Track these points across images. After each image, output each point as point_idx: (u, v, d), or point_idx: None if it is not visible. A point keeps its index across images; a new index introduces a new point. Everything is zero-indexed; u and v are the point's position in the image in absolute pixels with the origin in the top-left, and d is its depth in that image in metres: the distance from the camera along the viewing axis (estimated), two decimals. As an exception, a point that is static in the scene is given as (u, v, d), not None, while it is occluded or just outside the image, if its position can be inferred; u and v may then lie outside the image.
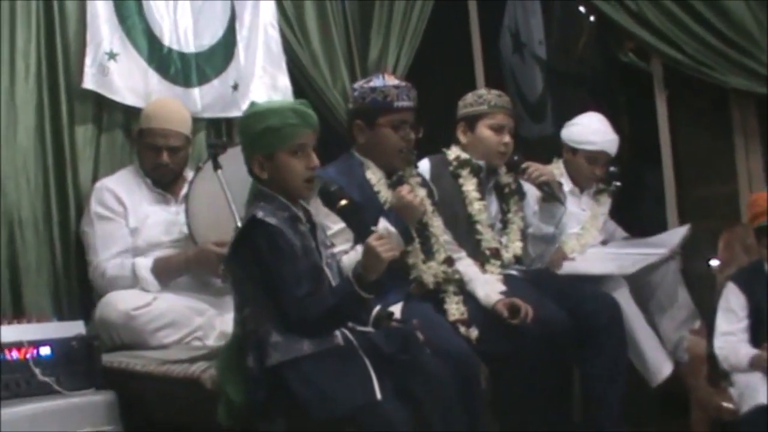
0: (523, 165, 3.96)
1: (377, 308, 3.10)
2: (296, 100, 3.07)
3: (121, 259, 3.87)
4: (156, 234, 3.97)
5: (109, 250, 3.89)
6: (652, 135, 4.87)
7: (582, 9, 5.95)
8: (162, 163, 3.99)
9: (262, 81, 4.71)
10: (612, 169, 4.34)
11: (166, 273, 3.87)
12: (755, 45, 4.19)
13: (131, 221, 3.95)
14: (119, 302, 3.76)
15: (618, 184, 4.37)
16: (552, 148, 4.50)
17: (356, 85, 3.69)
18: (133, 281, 3.83)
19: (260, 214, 2.89)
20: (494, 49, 6.11)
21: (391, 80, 3.62)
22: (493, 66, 5.74)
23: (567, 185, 4.27)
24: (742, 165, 4.52)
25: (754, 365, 3.44)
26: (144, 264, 3.86)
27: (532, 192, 4.04)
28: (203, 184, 3.88)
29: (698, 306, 4.23)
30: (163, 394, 3.47)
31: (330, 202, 3.03)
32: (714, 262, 4.18)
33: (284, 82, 4.77)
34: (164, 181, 4.04)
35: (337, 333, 2.94)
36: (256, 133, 2.96)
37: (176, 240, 3.98)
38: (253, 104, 3.11)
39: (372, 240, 2.88)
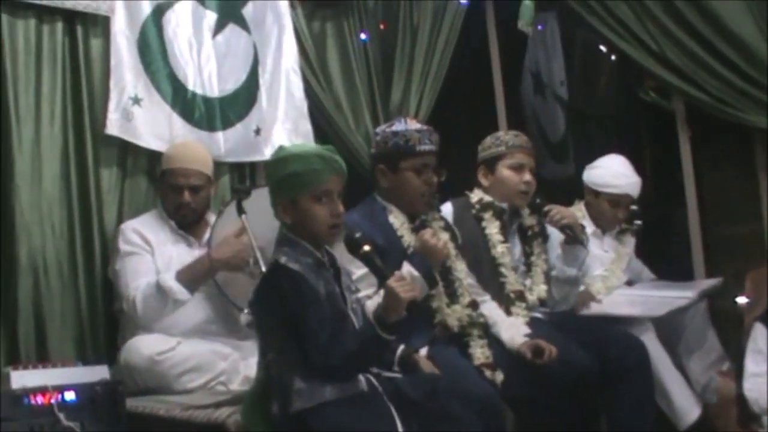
0: (545, 208, 3.96)
1: (402, 348, 3.08)
2: (323, 146, 3.06)
3: (146, 281, 3.87)
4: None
5: (138, 280, 3.89)
6: (677, 174, 4.85)
7: (603, 48, 5.95)
8: (184, 202, 4.00)
9: (284, 125, 4.74)
10: (633, 208, 4.33)
11: (192, 279, 3.86)
12: (777, 83, 4.18)
13: (157, 261, 3.96)
14: (143, 347, 3.76)
15: (639, 223, 4.35)
16: (576, 188, 4.49)
17: (378, 130, 3.72)
18: (161, 296, 3.83)
19: (283, 260, 2.88)
20: (516, 90, 6.12)
21: (413, 124, 3.64)
22: (515, 108, 5.75)
23: (589, 227, 4.25)
24: (766, 203, 4.49)
25: (785, 408, 3.39)
26: (167, 276, 3.86)
27: (555, 234, 4.03)
28: (225, 228, 3.89)
29: (726, 346, 4.20)
30: (188, 440, 3.46)
31: (354, 248, 3.02)
32: (741, 300, 4.13)
33: (306, 126, 4.80)
34: (187, 221, 4.05)
35: (361, 378, 2.92)
36: (280, 178, 2.96)
37: (197, 258, 3.96)
38: (280, 148, 3.10)
39: (392, 281, 2.87)
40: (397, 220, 3.59)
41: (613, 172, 4.30)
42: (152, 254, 3.96)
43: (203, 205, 4.09)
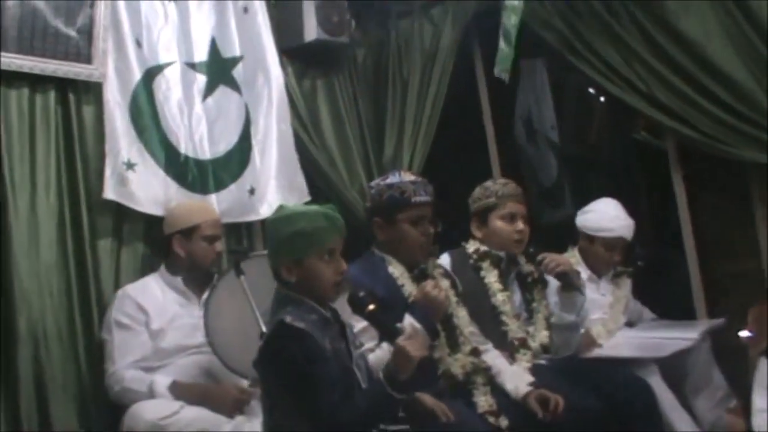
0: (539, 257, 3.96)
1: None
2: (324, 205, 3.05)
3: (141, 374, 3.85)
4: (180, 337, 3.95)
5: (125, 359, 3.87)
6: (673, 213, 4.85)
7: (592, 91, 5.99)
8: (218, 251, 4.08)
9: (279, 183, 4.74)
10: (638, 250, 4.33)
11: (184, 398, 3.81)
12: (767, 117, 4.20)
13: (155, 323, 3.93)
14: (146, 412, 3.72)
15: (641, 263, 4.35)
16: (571, 232, 4.48)
17: (373, 183, 3.74)
18: (149, 396, 3.79)
19: (289, 319, 2.84)
20: (508, 137, 6.14)
21: (408, 176, 3.66)
22: (508, 154, 5.77)
23: (584, 272, 4.24)
24: (764, 238, 4.49)
25: (794, 444, 3.37)
26: (163, 383, 3.82)
27: (551, 282, 4.02)
28: (222, 291, 3.87)
29: (731, 383, 4.18)
30: (195, 505, 3.42)
31: (358, 308, 3.00)
32: (744, 334, 4.12)
33: (300, 182, 4.80)
34: (212, 273, 4.06)
35: (370, 434, 2.90)
36: (285, 237, 2.93)
37: (200, 345, 3.94)
38: (281, 207, 3.08)
39: (401, 340, 2.85)
40: (396, 270, 3.59)
41: (606, 216, 4.31)
42: (147, 324, 3.94)
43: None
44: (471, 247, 4.02)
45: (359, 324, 3.28)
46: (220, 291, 3.88)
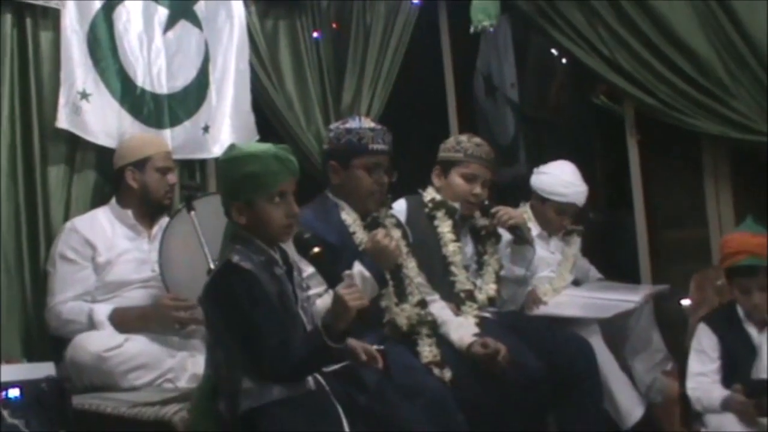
0: (492, 210, 3.98)
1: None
2: (277, 146, 3.01)
3: (80, 304, 3.85)
4: (127, 271, 3.94)
5: (66, 293, 3.86)
6: (626, 179, 4.90)
7: (555, 52, 5.99)
8: (172, 183, 4.04)
9: (233, 122, 4.71)
10: (591, 216, 4.35)
11: (124, 324, 3.82)
12: (725, 91, 4.24)
13: (102, 257, 3.91)
14: (90, 344, 3.72)
15: (580, 228, 4.39)
16: (525, 191, 4.51)
17: (332, 126, 3.71)
18: (89, 327, 3.79)
19: (236, 259, 2.84)
20: (468, 92, 6.14)
21: (368, 123, 3.63)
22: (467, 109, 5.77)
23: (535, 229, 4.26)
24: (713, 209, 4.55)
25: (726, 406, 3.44)
26: (102, 311, 3.82)
27: (504, 236, 4.05)
28: (178, 226, 3.87)
29: (671, 348, 4.25)
30: (134, 438, 3.43)
31: (303, 249, 2.98)
32: (686, 302, 4.19)
33: (251, 123, 4.78)
34: (165, 205, 4.05)
35: (309, 378, 2.91)
36: (235, 179, 2.90)
37: (146, 279, 3.95)
38: (232, 147, 3.03)
39: (340, 289, 2.84)
40: (349, 217, 3.58)
41: (561, 181, 4.30)
42: (92, 258, 3.92)
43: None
44: (427, 195, 4.02)
45: (309, 269, 3.28)
46: (175, 226, 3.88)
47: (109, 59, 4.30)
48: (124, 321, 3.82)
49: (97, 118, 4.22)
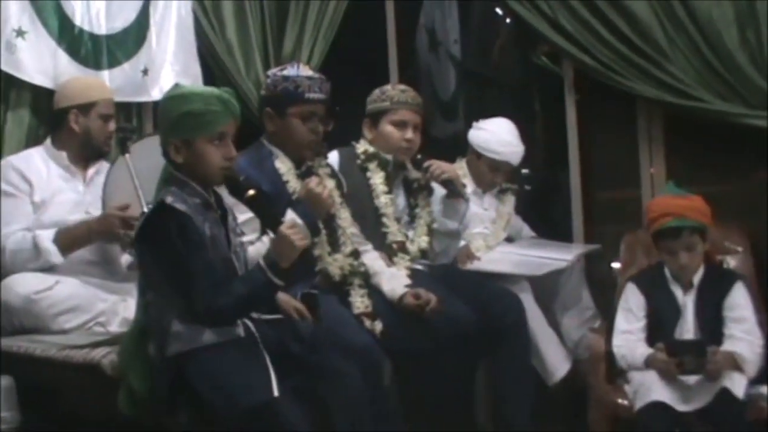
0: (426, 163, 4.00)
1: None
2: (221, 88, 3.01)
3: (23, 233, 3.80)
4: (61, 212, 3.90)
5: (10, 226, 3.82)
6: (564, 139, 4.93)
7: (499, 11, 6.00)
8: (112, 130, 3.98)
9: (173, 67, 4.69)
10: (524, 172, 4.38)
11: (69, 243, 3.79)
12: (663, 55, 4.28)
13: (37, 196, 3.88)
14: (20, 285, 3.70)
15: (515, 187, 4.42)
16: (463, 146, 4.52)
17: (270, 72, 3.69)
18: (35, 254, 3.76)
19: (170, 200, 2.84)
20: (410, 46, 6.12)
21: (305, 71, 3.62)
22: (409, 63, 5.76)
23: (470, 185, 4.27)
24: (646, 171, 4.61)
25: (649, 364, 3.51)
26: (46, 235, 3.78)
27: (436, 190, 4.07)
28: (117, 172, 3.84)
29: (600, 306, 4.31)
30: (63, 380, 3.42)
31: (237, 192, 2.98)
32: (616, 265, 4.26)
33: (195, 69, 4.77)
34: (104, 152, 4.01)
35: (239, 323, 2.92)
36: (176, 116, 2.90)
37: (80, 221, 3.90)
38: (176, 86, 3.05)
39: (284, 228, 2.86)
40: (283, 165, 3.58)
41: (497, 139, 4.29)
42: (30, 194, 3.88)
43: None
44: (360, 147, 4.02)
45: (243, 216, 3.28)
46: (114, 172, 3.85)
47: (47, -4, 4.23)
48: (69, 239, 3.79)
49: (33, 57, 4.16)
